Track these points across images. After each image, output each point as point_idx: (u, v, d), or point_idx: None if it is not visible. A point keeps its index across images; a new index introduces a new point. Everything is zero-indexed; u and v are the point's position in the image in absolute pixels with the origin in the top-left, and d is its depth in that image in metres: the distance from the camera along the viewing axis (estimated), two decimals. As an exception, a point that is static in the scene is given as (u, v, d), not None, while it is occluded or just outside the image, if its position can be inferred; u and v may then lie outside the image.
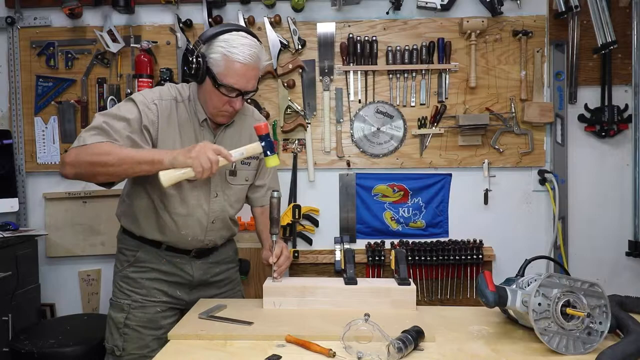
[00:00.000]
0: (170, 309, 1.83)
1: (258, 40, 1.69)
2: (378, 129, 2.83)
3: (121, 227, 1.88)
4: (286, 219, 2.77)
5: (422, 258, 2.77)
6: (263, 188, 1.95)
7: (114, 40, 2.78)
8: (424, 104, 2.82)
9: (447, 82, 2.80)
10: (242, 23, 2.74)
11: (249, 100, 2.14)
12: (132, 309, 1.78)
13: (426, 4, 2.75)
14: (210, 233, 1.81)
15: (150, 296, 1.80)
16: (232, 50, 1.59)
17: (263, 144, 1.59)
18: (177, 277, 1.83)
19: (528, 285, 1.38)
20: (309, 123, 2.82)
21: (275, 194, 1.72)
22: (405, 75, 2.80)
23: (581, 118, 2.81)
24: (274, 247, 1.73)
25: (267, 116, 2.78)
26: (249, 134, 1.82)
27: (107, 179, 1.60)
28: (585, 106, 2.81)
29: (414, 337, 1.29)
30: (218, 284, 1.92)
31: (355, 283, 1.68)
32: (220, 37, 1.61)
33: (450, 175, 2.87)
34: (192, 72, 1.63)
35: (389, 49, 2.79)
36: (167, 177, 1.50)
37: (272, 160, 1.61)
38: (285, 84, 2.79)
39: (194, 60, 1.62)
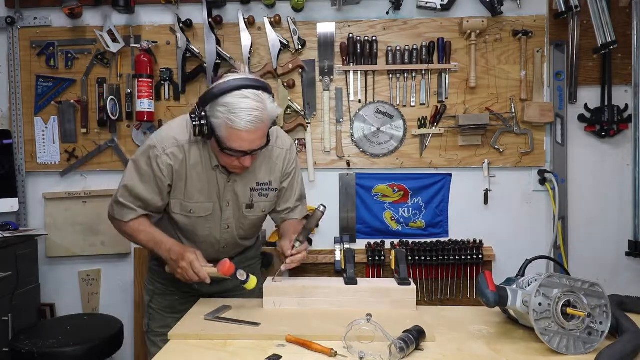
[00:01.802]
0: (190, 296, 1.89)
1: (266, 90, 1.59)
2: (378, 129, 2.83)
3: None
4: (286, 219, 2.77)
5: (422, 258, 2.77)
6: (286, 211, 1.92)
7: (114, 40, 2.78)
8: (424, 104, 2.82)
9: (447, 82, 2.80)
10: (242, 23, 2.75)
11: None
12: (155, 294, 1.95)
13: (426, 4, 2.75)
14: (223, 252, 1.86)
15: (169, 286, 1.92)
16: (232, 118, 1.51)
17: (236, 279, 1.61)
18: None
19: (528, 285, 1.38)
20: (309, 123, 2.82)
21: (322, 208, 1.70)
22: (405, 75, 2.80)
23: (581, 118, 2.82)
24: (295, 243, 1.71)
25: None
26: (269, 165, 1.80)
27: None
28: (585, 106, 2.81)
29: (415, 336, 1.29)
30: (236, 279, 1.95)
31: (356, 283, 1.68)
32: (221, 99, 1.54)
33: (450, 175, 2.87)
34: (197, 132, 1.58)
35: (389, 49, 2.79)
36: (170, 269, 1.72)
37: (251, 284, 1.62)
38: (285, 84, 2.79)
39: (198, 121, 1.57)
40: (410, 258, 2.76)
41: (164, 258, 1.71)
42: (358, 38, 2.79)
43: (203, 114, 1.57)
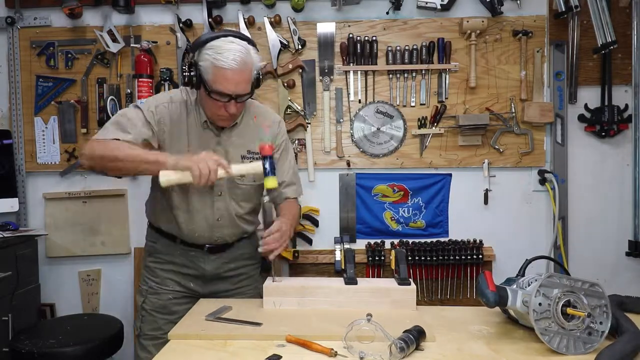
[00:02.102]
0: (184, 297, 1.91)
1: (251, 43, 1.72)
2: (378, 129, 2.83)
3: (147, 219, 2.01)
4: (286, 219, 2.77)
5: (422, 258, 2.77)
6: (282, 185, 1.92)
7: (114, 40, 2.78)
8: (424, 104, 2.82)
9: (447, 82, 2.80)
10: (242, 23, 2.75)
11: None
12: (149, 294, 1.92)
13: (426, 4, 2.75)
14: (217, 230, 1.85)
15: (164, 285, 1.91)
16: (218, 57, 1.62)
17: (266, 165, 1.64)
18: (190, 270, 1.90)
19: (528, 285, 1.38)
20: (309, 123, 2.82)
21: (266, 199, 1.77)
22: (405, 75, 2.80)
23: (581, 118, 2.82)
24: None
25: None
26: (257, 135, 1.85)
27: (117, 173, 1.81)
28: (585, 106, 2.81)
29: (416, 336, 1.29)
30: (233, 279, 1.95)
31: (356, 283, 1.68)
32: (208, 44, 1.66)
33: (450, 175, 2.87)
34: (187, 80, 1.70)
35: (389, 49, 2.79)
36: (166, 178, 1.59)
37: (271, 182, 1.65)
38: (285, 84, 2.79)
39: (187, 68, 1.69)
40: (410, 258, 2.76)
41: (160, 166, 1.60)
42: (358, 38, 2.79)
43: (192, 60, 1.68)
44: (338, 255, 2.75)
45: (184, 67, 1.72)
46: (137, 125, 1.72)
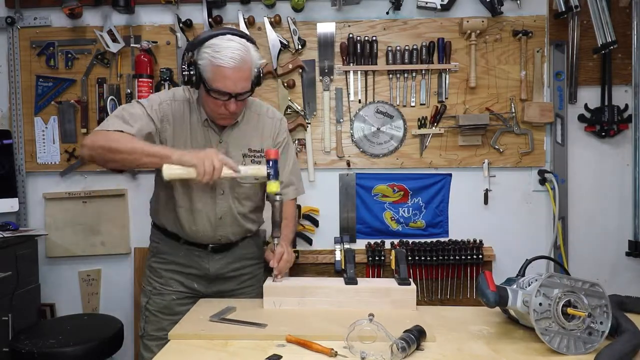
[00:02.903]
0: (187, 297, 1.90)
1: (250, 40, 1.72)
2: (378, 129, 2.83)
3: (151, 219, 2.01)
4: (286, 219, 2.77)
5: (422, 258, 2.77)
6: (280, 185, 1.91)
7: (114, 40, 2.78)
8: (424, 104, 2.82)
9: (447, 82, 2.80)
10: (242, 23, 2.75)
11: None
12: (153, 295, 1.92)
13: (426, 4, 2.75)
14: (219, 229, 1.85)
15: (168, 285, 1.91)
16: (216, 55, 1.61)
17: (270, 169, 1.64)
18: (194, 270, 1.90)
19: (529, 285, 1.38)
20: (309, 123, 2.82)
21: (278, 197, 1.72)
22: (405, 75, 2.80)
23: (581, 118, 2.82)
24: (275, 249, 1.73)
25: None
26: (260, 134, 1.86)
27: (117, 165, 1.76)
28: (585, 106, 2.81)
29: (416, 336, 1.29)
30: (237, 279, 1.95)
31: (356, 283, 1.68)
32: (207, 42, 1.65)
33: (450, 175, 2.87)
34: (186, 79, 1.69)
35: (389, 49, 2.79)
36: (169, 171, 1.58)
37: (273, 187, 1.66)
38: (285, 84, 2.79)
39: (186, 67, 1.68)
40: (410, 258, 2.76)
41: (164, 159, 1.59)
42: (358, 38, 2.79)
43: (191, 59, 1.67)
44: (338, 255, 2.75)
45: (183, 66, 1.70)
46: (141, 120, 1.70)
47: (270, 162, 1.65)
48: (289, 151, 1.97)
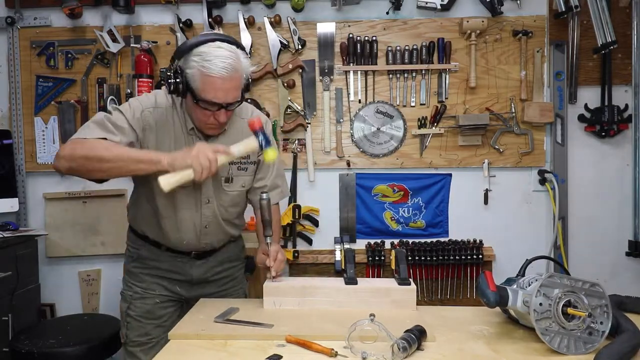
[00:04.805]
0: (170, 300, 1.86)
1: (240, 47, 1.62)
2: (378, 129, 2.83)
3: (129, 224, 1.92)
4: (286, 219, 2.77)
5: (422, 258, 2.77)
6: (263, 189, 1.85)
7: (114, 40, 2.78)
8: (424, 104, 2.82)
9: (447, 82, 2.80)
10: (242, 23, 2.75)
11: (248, 100, 2.11)
12: (134, 299, 1.84)
13: (426, 4, 2.75)
14: (205, 237, 1.80)
15: (150, 289, 1.84)
16: (206, 65, 1.51)
17: (260, 139, 1.55)
18: (177, 275, 1.85)
19: (529, 285, 1.38)
20: (309, 123, 2.82)
21: (264, 195, 1.71)
22: (405, 75, 2.80)
23: (581, 118, 2.82)
24: (269, 248, 1.71)
25: (267, 116, 2.77)
26: (244, 138, 1.73)
27: (102, 175, 1.60)
28: (585, 106, 2.81)
29: (417, 336, 1.29)
30: (218, 282, 1.92)
31: (356, 283, 1.68)
32: (195, 50, 1.55)
33: (450, 175, 2.87)
34: (172, 88, 1.57)
35: (389, 49, 2.79)
36: (167, 182, 1.49)
37: (270, 154, 1.57)
38: (285, 84, 2.79)
39: (172, 75, 1.57)
40: (410, 258, 2.76)
41: (155, 162, 1.51)
42: (358, 38, 2.79)
43: (177, 67, 1.57)
44: (338, 255, 2.75)
45: (169, 74, 1.58)
46: (123, 127, 1.61)
47: (257, 132, 1.55)
48: None
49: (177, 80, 1.56)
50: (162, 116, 1.68)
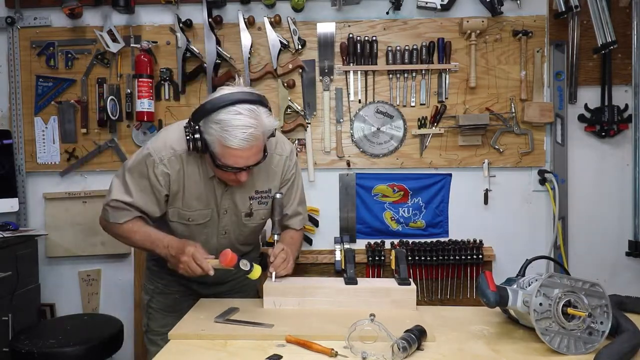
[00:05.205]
0: (189, 295, 1.91)
1: (262, 103, 1.55)
2: (378, 129, 2.83)
3: None
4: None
5: (422, 258, 2.77)
6: (285, 218, 1.87)
7: (114, 40, 2.78)
8: (424, 104, 2.82)
9: (447, 82, 2.80)
10: (242, 23, 2.75)
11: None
12: (155, 294, 1.95)
13: (426, 4, 2.75)
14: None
15: (169, 286, 1.93)
16: (225, 136, 1.47)
17: (243, 268, 1.57)
18: (194, 277, 1.85)
19: (529, 285, 1.38)
20: (309, 123, 2.82)
21: (278, 195, 1.72)
22: (405, 75, 2.80)
23: (581, 118, 2.82)
24: (274, 248, 1.72)
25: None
26: (267, 173, 1.76)
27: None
28: (585, 106, 2.81)
29: (417, 336, 1.29)
30: (235, 281, 1.96)
31: (356, 283, 1.68)
32: (214, 116, 1.49)
33: (450, 175, 2.87)
34: (192, 147, 1.56)
35: (389, 49, 2.79)
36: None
37: (255, 273, 1.59)
38: (285, 84, 2.79)
39: (191, 135, 1.54)
40: (410, 258, 2.76)
41: (162, 255, 1.67)
42: (358, 38, 2.79)
43: (197, 128, 1.54)
44: (338, 255, 2.75)
45: (188, 130, 1.55)
46: (146, 195, 1.68)
47: (235, 266, 1.55)
48: (295, 183, 1.88)
49: (196, 138, 1.54)
50: (181, 163, 1.66)
